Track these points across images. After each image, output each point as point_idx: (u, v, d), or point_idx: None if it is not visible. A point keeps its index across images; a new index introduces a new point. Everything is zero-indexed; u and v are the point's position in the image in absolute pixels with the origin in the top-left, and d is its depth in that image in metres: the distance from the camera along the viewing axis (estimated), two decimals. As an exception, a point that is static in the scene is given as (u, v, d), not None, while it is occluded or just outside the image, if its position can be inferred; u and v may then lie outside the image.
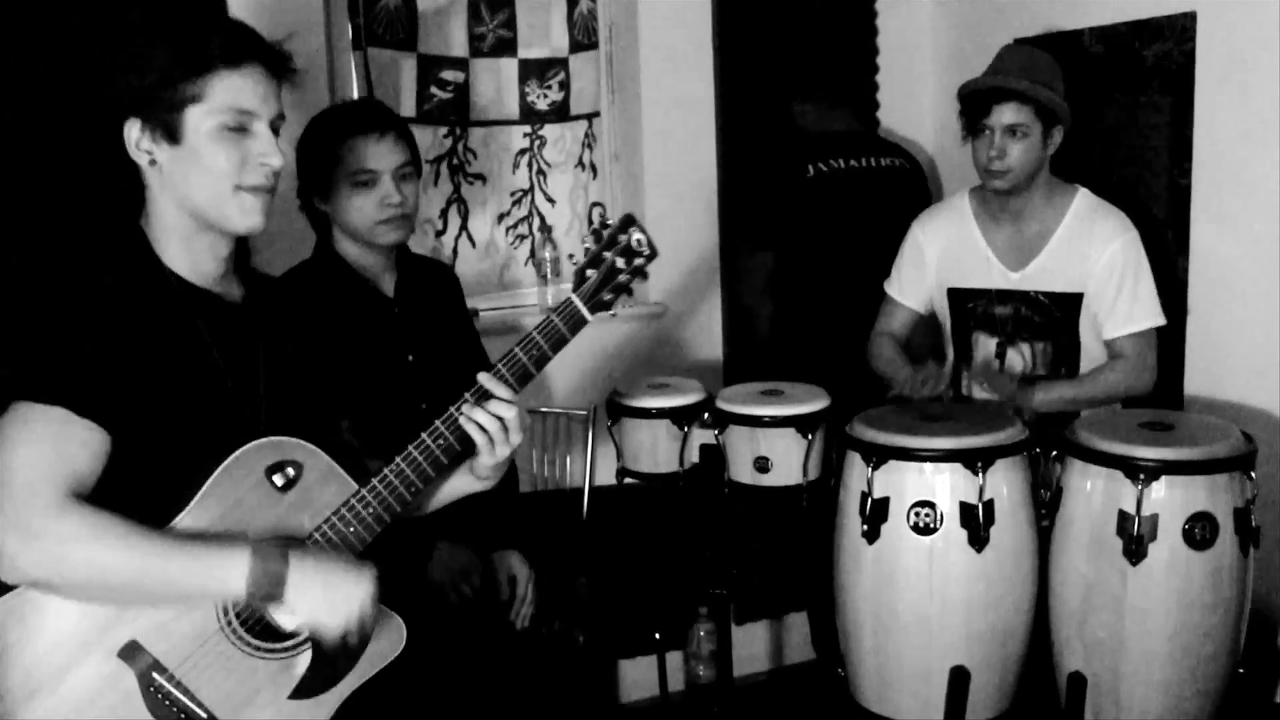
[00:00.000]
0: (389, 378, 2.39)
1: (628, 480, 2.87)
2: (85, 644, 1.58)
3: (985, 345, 2.88)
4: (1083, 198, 2.83)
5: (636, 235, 1.90)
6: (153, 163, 1.66)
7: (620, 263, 1.88)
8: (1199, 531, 2.30)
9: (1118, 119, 3.04)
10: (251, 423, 1.70)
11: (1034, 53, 2.85)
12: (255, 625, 1.66)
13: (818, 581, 2.71)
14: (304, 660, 1.68)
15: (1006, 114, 2.71)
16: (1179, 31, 2.89)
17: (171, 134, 1.63)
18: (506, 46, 3.34)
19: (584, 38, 3.41)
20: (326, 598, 1.60)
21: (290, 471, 1.66)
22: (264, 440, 1.65)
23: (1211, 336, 2.89)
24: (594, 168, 3.50)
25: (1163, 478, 2.29)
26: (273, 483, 1.65)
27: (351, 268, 2.42)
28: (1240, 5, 2.76)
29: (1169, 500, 2.30)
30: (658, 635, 3.11)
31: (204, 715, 1.62)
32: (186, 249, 1.71)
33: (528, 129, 3.41)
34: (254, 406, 1.73)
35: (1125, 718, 2.38)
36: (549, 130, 3.44)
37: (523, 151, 3.42)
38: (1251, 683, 2.46)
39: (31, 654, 1.56)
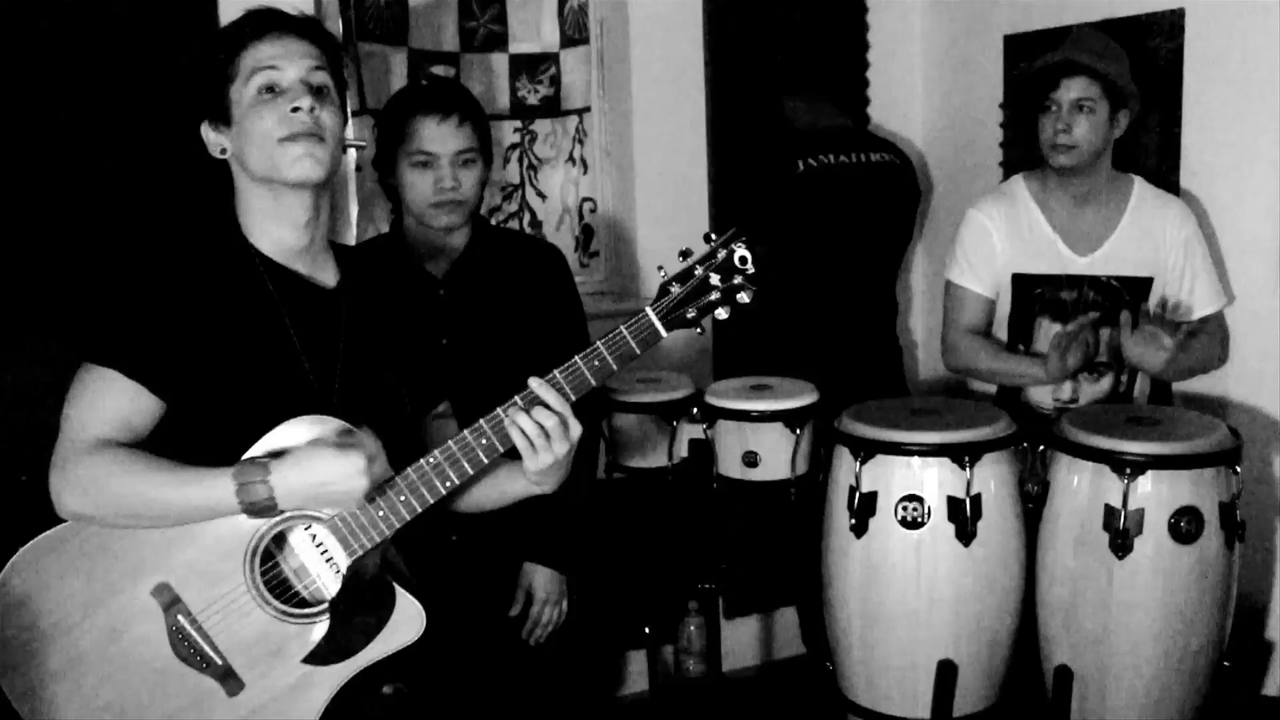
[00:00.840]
0: None
1: (616, 475, 2.88)
2: (116, 583, 1.66)
3: (1049, 330, 2.82)
4: (1142, 184, 2.83)
5: (741, 252, 1.68)
6: (224, 151, 1.75)
7: (715, 279, 1.67)
8: (1185, 526, 2.31)
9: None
10: (324, 403, 1.72)
11: (1104, 36, 2.84)
12: (278, 588, 1.70)
13: (806, 576, 2.72)
14: (321, 628, 1.69)
15: (1075, 88, 2.69)
16: (1168, 28, 2.90)
17: (226, 119, 1.72)
18: (497, 41, 3.35)
19: (575, 33, 3.42)
20: (317, 485, 1.61)
21: None
22: (309, 416, 1.66)
23: (1199, 332, 2.90)
24: (585, 163, 3.50)
25: (1149, 472, 2.31)
26: None
27: (407, 245, 2.43)
28: (1230, 2, 2.77)
29: (1155, 495, 2.32)
30: (648, 630, 3.11)
31: (220, 661, 1.67)
32: (269, 227, 1.75)
33: (518, 124, 3.41)
34: (327, 388, 1.76)
35: (1111, 711, 2.39)
36: (540, 125, 3.44)
37: (513, 146, 3.42)
38: (1238, 676, 2.48)
39: (61, 592, 1.66)
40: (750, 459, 2.68)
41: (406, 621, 1.72)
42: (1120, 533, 2.31)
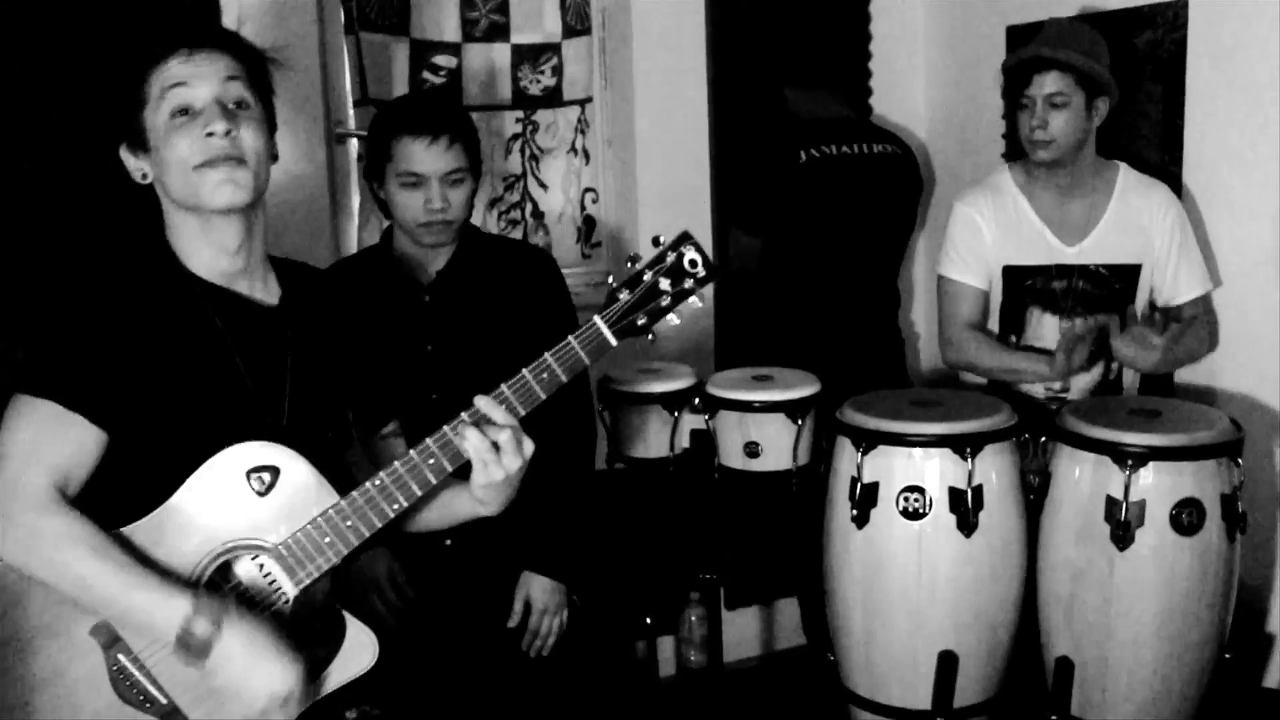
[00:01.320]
0: (402, 367, 2.32)
1: (617, 465, 2.88)
2: (53, 625, 1.60)
3: (1040, 320, 2.85)
4: (1126, 171, 2.84)
5: (691, 255, 1.65)
6: (145, 177, 1.69)
7: (665, 284, 1.64)
8: (1186, 517, 2.32)
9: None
10: (272, 424, 1.69)
11: (1075, 25, 2.84)
12: None
13: (808, 567, 2.72)
14: None
15: (1047, 84, 2.69)
16: (1170, 20, 2.90)
17: (144, 144, 1.66)
18: (499, 31, 3.34)
19: (577, 23, 3.41)
20: (247, 678, 1.56)
21: (265, 477, 1.62)
22: (251, 443, 1.62)
23: (1201, 323, 2.90)
24: (587, 153, 3.49)
25: (1150, 464, 2.31)
26: (251, 485, 1.62)
27: (394, 255, 2.43)
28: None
29: (1156, 486, 2.32)
30: (649, 620, 3.11)
31: (164, 700, 1.61)
32: (201, 251, 1.69)
33: (520, 114, 3.40)
34: (276, 408, 1.72)
35: (1112, 703, 2.39)
36: (542, 116, 3.43)
37: (515, 137, 3.41)
38: (1238, 667, 2.48)
39: (7, 627, 1.59)
40: (752, 449, 2.68)
41: (359, 649, 1.68)
42: (1121, 524, 2.31)
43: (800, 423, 2.66)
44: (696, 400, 2.75)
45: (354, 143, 3.09)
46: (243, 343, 1.71)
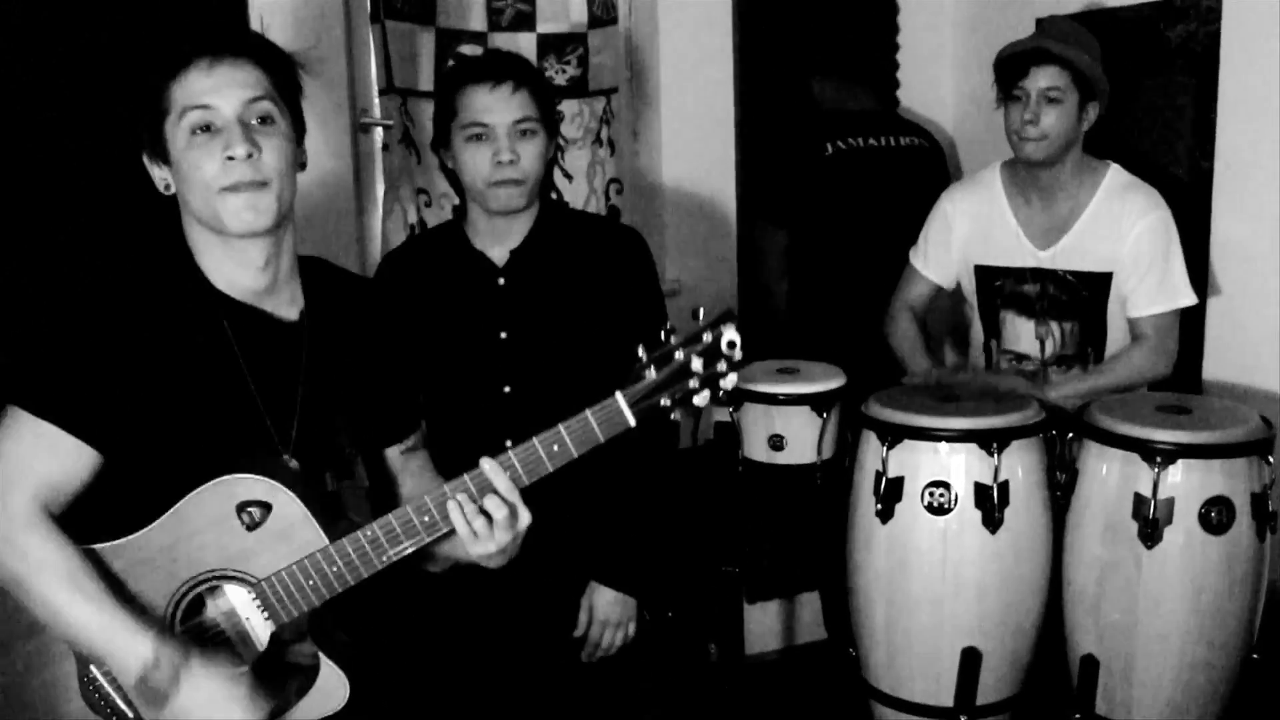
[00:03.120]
0: (474, 356, 2.21)
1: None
2: (35, 625, 1.59)
3: (1014, 324, 2.84)
4: (1115, 174, 2.77)
5: (730, 336, 1.49)
6: (168, 187, 1.65)
7: (697, 364, 1.48)
8: (1215, 516, 2.29)
9: (1142, 100, 3.02)
10: (279, 447, 1.66)
11: (1075, 24, 2.81)
12: (207, 641, 1.63)
13: (830, 561, 2.71)
14: None
15: (1044, 78, 2.65)
16: (1204, 13, 2.87)
17: (165, 156, 1.62)
18: (525, 21, 3.32)
19: (603, 13, 3.39)
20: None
21: (255, 512, 1.58)
22: (246, 476, 1.58)
23: (1231, 320, 2.88)
24: (612, 144, 3.48)
25: (1179, 461, 2.28)
26: (241, 519, 1.58)
27: (464, 233, 2.27)
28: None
29: (1185, 484, 2.29)
30: (670, 614, 3.10)
31: (131, 716, 1.61)
32: (223, 265, 1.66)
33: (547, 104, 3.39)
34: (285, 431, 1.67)
35: (1138, 702, 2.37)
36: (567, 106, 3.41)
37: (542, 127, 3.40)
38: (1266, 668, 2.45)
39: None
40: (776, 442, 2.67)
41: (328, 693, 1.64)
42: (1150, 522, 2.29)
43: (825, 416, 2.65)
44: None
45: (379, 132, 3.08)
46: (259, 363, 1.66)
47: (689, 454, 2.76)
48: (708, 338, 1.50)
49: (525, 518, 1.60)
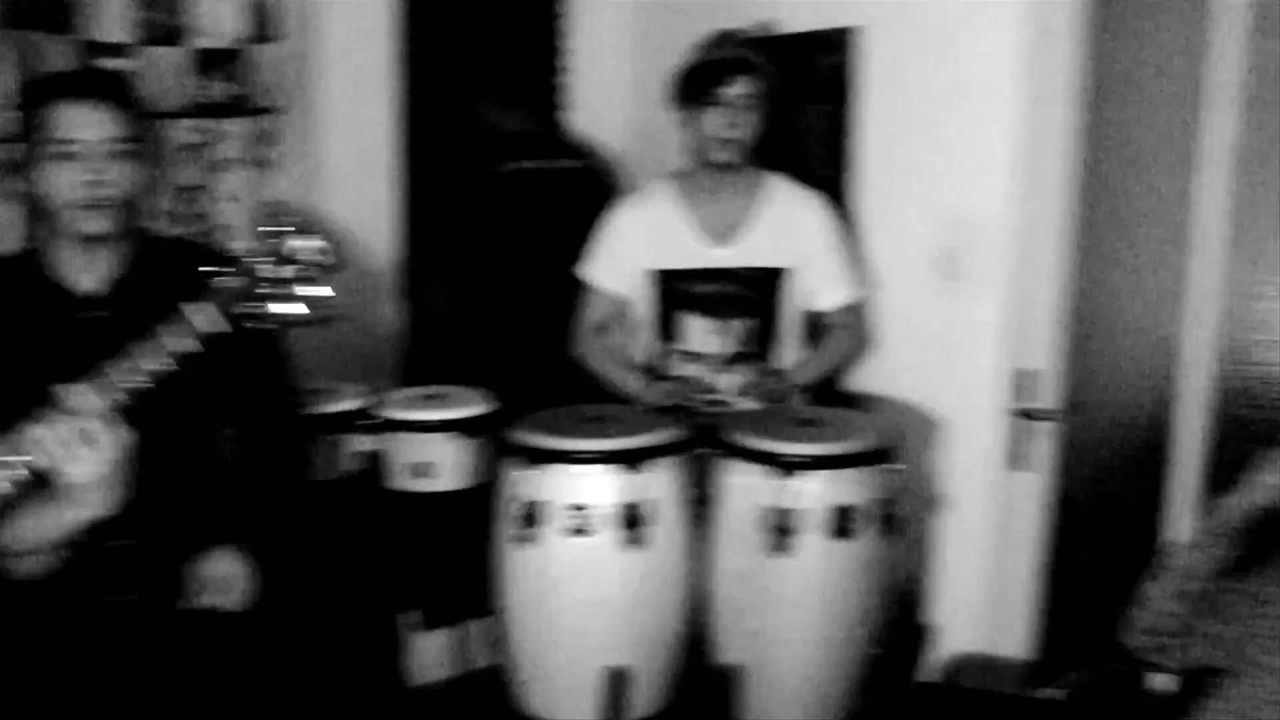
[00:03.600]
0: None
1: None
2: None
3: (692, 324, 2.87)
4: (779, 178, 2.89)
5: (294, 243, 1.62)
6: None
7: (265, 270, 1.60)
8: (844, 523, 2.39)
9: (792, 122, 3.13)
10: None
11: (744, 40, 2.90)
12: None
13: (489, 587, 2.67)
14: None
15: (744, 85, 2.73)
16: (845, 44, 3.00)
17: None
18: (177, 34, 3.17)
19: (263, 30, 3.27)
20: None
21: None
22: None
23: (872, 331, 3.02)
24: (270, 165, 3.36)
25: (808, 472, 2.38)
26: None
27: (46, 261, 2.07)
28: (898, 22, 2.89)
29: (813, 493, 2.39)
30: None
31: None
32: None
33: (201, 123, 3.24)
34: None
35: (777, 704, 2.46)
36: (224, 125, 3.28)
37: (195, 146, 3.25)
38: (891, 662, 2.57)
39: None
40: (423, 469, 2.62)
41: None
42: (781, 531, 2.37)
43: (472, 442, 2.61)
44: (364, 421, 2.66)
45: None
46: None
47: (332, 485, 2.67)
48: (272, 244, 1.59)
49: (107, 438, 1.56)
